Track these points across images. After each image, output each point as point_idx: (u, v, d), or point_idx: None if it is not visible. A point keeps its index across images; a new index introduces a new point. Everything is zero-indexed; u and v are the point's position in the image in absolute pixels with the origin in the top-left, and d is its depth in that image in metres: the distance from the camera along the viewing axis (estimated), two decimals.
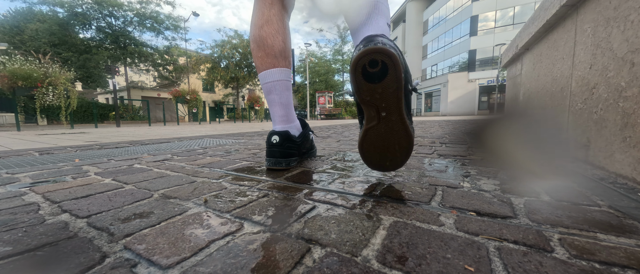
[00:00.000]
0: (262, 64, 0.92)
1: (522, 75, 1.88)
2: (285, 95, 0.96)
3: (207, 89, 24.36)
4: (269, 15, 0.90)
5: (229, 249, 0.37)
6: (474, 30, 25.10)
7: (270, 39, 0.90)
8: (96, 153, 1.42)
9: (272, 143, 0.90)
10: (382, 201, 0.57)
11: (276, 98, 0.95)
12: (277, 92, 0.94)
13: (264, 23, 0.90)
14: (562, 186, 0.65)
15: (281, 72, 0.94)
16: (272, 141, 0.90)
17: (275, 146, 0.89)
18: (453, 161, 1.03)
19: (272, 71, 0.92)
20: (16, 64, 5.19)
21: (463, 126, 2.23)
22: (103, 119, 13.41)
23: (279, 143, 0.89)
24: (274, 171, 0.88)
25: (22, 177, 0.85)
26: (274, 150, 0.90)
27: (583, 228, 0.43)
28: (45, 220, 0.48)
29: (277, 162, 0.89)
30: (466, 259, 0.34)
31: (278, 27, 0.91)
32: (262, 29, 0.90)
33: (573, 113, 1.03)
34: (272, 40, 0.90)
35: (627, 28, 0.72)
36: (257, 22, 0.91)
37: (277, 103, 0.95)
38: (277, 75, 0.93)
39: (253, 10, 0.93)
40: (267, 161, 0.91)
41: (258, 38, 0.90)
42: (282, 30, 0.92)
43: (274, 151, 0.90)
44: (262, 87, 0.96)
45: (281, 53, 0.93)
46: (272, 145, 0.90)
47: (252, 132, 3.50)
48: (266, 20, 0.90)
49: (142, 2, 15.34)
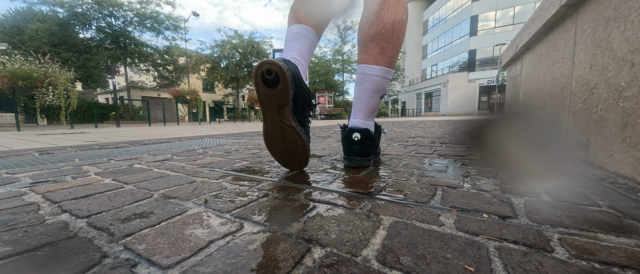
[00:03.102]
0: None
1: (522, 75, 1.88)
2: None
3: (207, 89, 24.37)
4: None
5: (229, 249, 0.37)
6: (474, 30, 25.11)
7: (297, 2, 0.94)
8: (96, 153, 1.42)
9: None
10: (382, 201, 0.57)
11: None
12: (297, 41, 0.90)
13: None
14: (562, 186, 0.65)
15: (298, 27, 0.91)
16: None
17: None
18: (453, 161, 1.03)
19: (294, 26, 0.91)
20: (16, 64, 5.18)
21: (463, 126, 2.23)
22: (103, 119, 13.42)
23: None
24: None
25: (22, 177, 0.85)
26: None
27: (583, 228, 0.43)
28: (45, 220, 0.48)
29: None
30: (466, 259, 0.34)
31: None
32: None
33: (573, 113, 1.03)
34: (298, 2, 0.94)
35: (627, 28, 0.72)
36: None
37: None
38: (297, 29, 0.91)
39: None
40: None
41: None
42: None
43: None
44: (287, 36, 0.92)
45: (299, 17, 0.93)
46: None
47: (252, 131, 3.50)
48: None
49: (142, 2, 15.34)
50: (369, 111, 0.93)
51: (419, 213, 0.50)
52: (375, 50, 0.87)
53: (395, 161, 1.05)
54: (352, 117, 0.95)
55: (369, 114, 0.94)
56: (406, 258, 0.35)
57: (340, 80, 24.52)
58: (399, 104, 37.61)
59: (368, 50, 0.88)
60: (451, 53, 28.06)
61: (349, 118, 0.96)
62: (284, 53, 0.91)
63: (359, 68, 0.92)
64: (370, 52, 0.87)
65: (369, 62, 0.88)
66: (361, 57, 0.90)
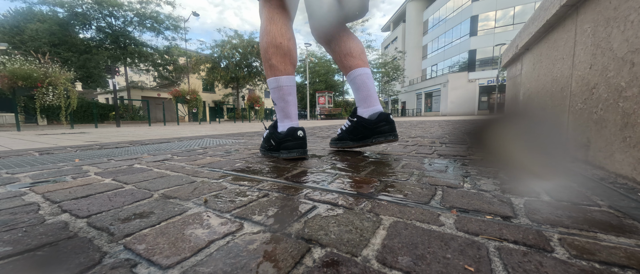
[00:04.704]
0: (285, 70, 1.13)
1: (522, 75, 1.88)
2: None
3: (207, 89, 24.36)
4: (291, 31, 1.15)
5: (229, 249, 0.37)
6: (474, 30, 25.11)
7: (294, 52, 1.15)
8: (96, 153, 1.42)
9: (300, 137, 1.10)
10: (382, 201, 0.57)
11: (292, 99, 1.17)
12: (293, 94, 1.17)
13: (291, 37, 1.14)
14: (562, 186, 0.65)
15: (294, 79, 1.18)
16: (298, 134, 1.10)
17: (303, 139, 1.11)
18: (453, 161, 1.03)
19: (291, 77, 1.15)
20: (16, 64, 5.18)
21: (463, 126, 2.23)
22: (103, 119, 13.41)
23: (304, 136, 1.12)
24: (287, 162, 1.06)
25: (22, 177, 0.85)
26: (302, 142, 1.11)
27: (583, 228, 0.43)
28: (45, 220, 0.48)
29: (304, 152, 1.11)
30: (466, 259, 0.34)
31: (295, 42, 1.17)
32: (290, 42, 1.13)
33: (573, 113, 1.03)
34: (295, 54, 1.16)
35: (627, 28, 0.72)
36: (284, 34, 1.12)
37: (293, 104, 1.18)
38: (293, 81, 1.17)
39: (271, 20, 1.12)
40: (296, 152, 1.09)
41: (287, 49, 1.12)
42: (295, 44, 1.18)
43: (302, 142, 1.11)
44: (282, 89, 1.14)
45: (295, 64, 1.18)
46: (300, 138, 1.10)
47: (252, 131, 3.50)
48: (292, 35, 1.15)
49: (142, 2, 15.33)
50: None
51: (419, 213, 0.50)
52: (364, 58, 1.26)
53: (395, 161, 1.05)
54: (374, 104, 1.22)
55: None
56: (406, 258, 0.35)
57: (340, 80, 24.51)
58: (399, 104, 37.62)
59: (359, 57, 1.24)
60: (451, 53, 28.05)
61: (367, 107, 1.22)
62: (292, 110, 1.18)
63: (363, 70, 1.22)
64: (363, 59, 1.25)
65: (364, 65, 1.24)
66: (355, 62, 1.23)
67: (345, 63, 1.24)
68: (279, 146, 1.13)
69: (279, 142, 1.13)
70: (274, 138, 1.16)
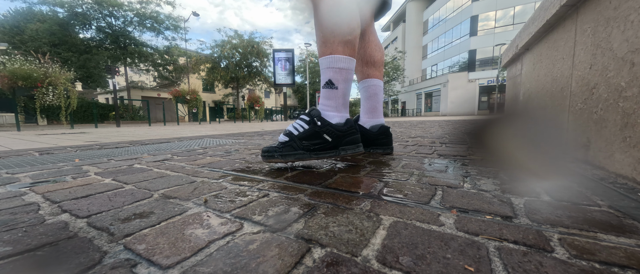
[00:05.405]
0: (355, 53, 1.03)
1: (522, 75, 1.88)
2: None
3: (207, 89, 24.35)
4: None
5: (229, 249, 0.37)
6: (474, 30, 25.11)
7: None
8: (96, 153, 1.42)
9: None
10: (382, 201, 0.57)
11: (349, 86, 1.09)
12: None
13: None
14: (562, 186, 0.65)
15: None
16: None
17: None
18: (453, 161, 1.03)
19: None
20: (16, 64, 5.18)
21: (463, 126, 2.23)
22: (103, 119, 13.40)
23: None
24: (280, 169, 0.95)
25: (22, 177, 0.85)
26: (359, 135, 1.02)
27: (583, 228, 0.43)
28: (45, 220, 0.48)
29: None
30: (466, 259, 0.34)
31: None
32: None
33: (573, 113, 1.03)
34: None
35: (627, 28, 0.72)
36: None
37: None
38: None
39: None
40: (362, 147, 1.00)
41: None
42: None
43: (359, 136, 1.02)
44: (350, 72, 1.00)
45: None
46: (358, 130, 1.02)
47: (252, 131, 3.50)
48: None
49: (142, 2, 15.34)
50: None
51: (419, 213, 0.50)
52: (381, 69, 1.27)
53: (395, 161, 1.05)
54: (379, 117, 1.26)
55: None
56: (406, 258, 0.35)
57: None
58: (399, 104, 37.63)
59: (378, 68, 1.26)
60: (451, 53, 28.05)
61: (371, 118, 1.26)
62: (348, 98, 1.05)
63: (379, 81, 1.26)
64: (381, 70, 1.27)
65: (380, 77, 1.27)
66: (374, 73, 1.25)
67: (365, 71, 1.25)
68: (340, 141, 0.93)
69: (340, 136, 0.93)
70: (330, 133, 0.93)
